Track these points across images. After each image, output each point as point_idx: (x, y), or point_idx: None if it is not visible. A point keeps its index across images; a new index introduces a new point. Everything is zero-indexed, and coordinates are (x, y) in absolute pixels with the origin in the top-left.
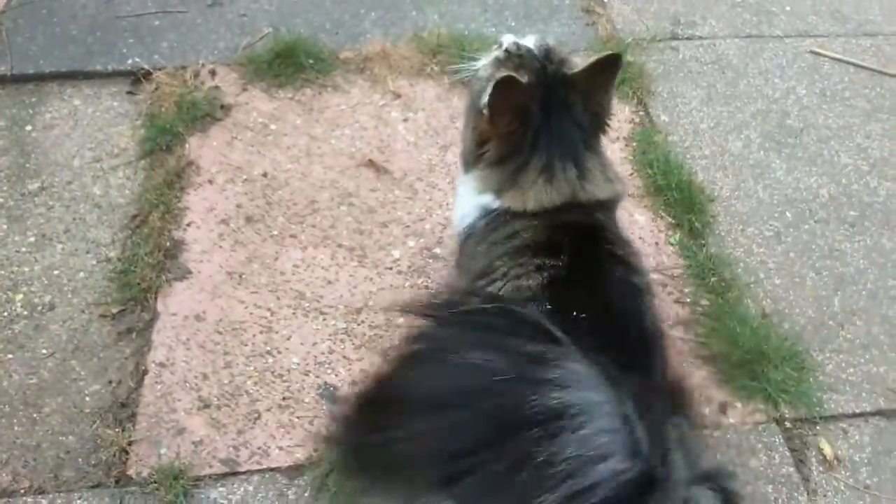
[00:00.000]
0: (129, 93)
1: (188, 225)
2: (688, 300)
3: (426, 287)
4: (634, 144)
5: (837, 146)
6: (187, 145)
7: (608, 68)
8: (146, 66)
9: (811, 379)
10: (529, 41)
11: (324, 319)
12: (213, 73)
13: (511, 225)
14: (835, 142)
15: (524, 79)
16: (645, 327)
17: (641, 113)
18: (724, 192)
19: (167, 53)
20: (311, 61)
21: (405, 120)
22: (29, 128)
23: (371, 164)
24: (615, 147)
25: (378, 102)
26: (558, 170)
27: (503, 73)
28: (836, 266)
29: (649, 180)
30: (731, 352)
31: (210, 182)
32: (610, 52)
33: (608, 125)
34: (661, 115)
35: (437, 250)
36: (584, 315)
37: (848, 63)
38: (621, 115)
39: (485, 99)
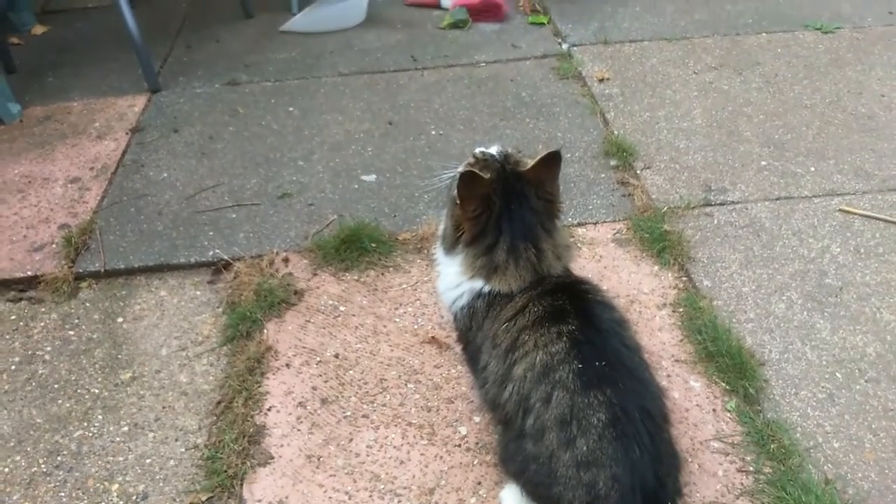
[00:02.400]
0: (211, 282)
1: (269, 409)
2: (751, 468)
3: (495, 464)
4: (681, 311)
5: (878, 303)
6: (265, 331)
7: (551, 163)
8: (226, 257)
9: None
10: (493, 149)
11: (399, 501)
12: (286, 260)
13: (512, 303)
14: (875, 298)
15: (486, 175)
16: (635, 346)
17: (684, 279)
18: (773, 355)
19: (244, 244)
20: (373, 244)
21: None
22: (120, 319)
23: (434, 340)
24: (663, 313)
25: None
26: (521, 251)
27: (466, 169)
28: (893, 426)
29: (700, 346)
30: None
31: (287, 366)
32: (551, 150)
33: (560, 209)
34: (704, 280)
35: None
36: (603, 362)
37: (877, 219)
38: (665, 282)
39: (455, 190)
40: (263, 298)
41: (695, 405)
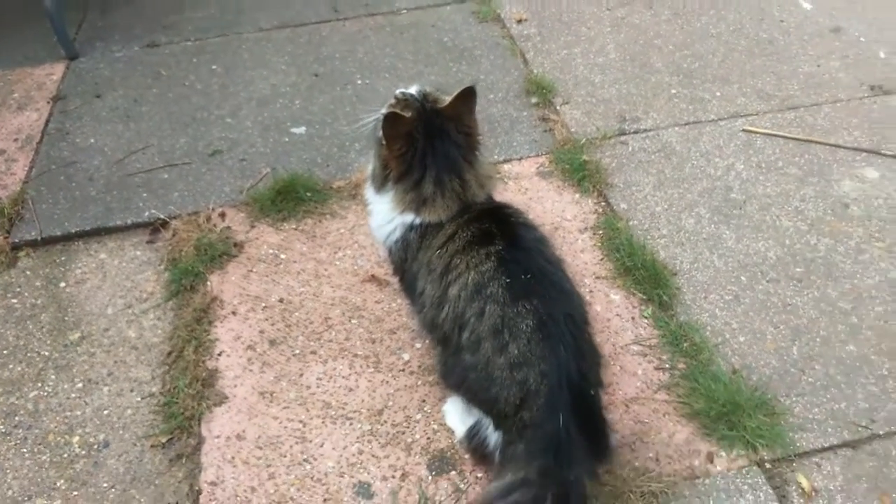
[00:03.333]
0: (150, 242)
1: (219, 354)
2: (666, 366)
3: (437, 383)
4: (601, 233)
5: (777, 211)
6: (209, 283)
7: (467, 98)
8: (162, 216)
9: (782, 422)
10: (413, 89)
11: (350, 424)
12: (222, 215)
13: (442, 231)
14: (775, 208)
15: (408, 114)
16: (556, 261)
17: (603, 204)
18: (684, 265)
19: (179, 202)
20: (308, 194)
21: None
22: (63, 284)
23: (373, 278)
24: (584, 237)
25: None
26: (446, 182)
27: (389, 110)
28: (791, 319)
29: (618, 263)
30: (710, 407)
31: (234, 313)
32: (466, 86)
33: (479, 142)
34: (621, 204)
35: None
36: (529, 275)
37: (777, 136)
38: (585, 208)
39: (380, 132)
40: (204, 253)
41: (615, 315)
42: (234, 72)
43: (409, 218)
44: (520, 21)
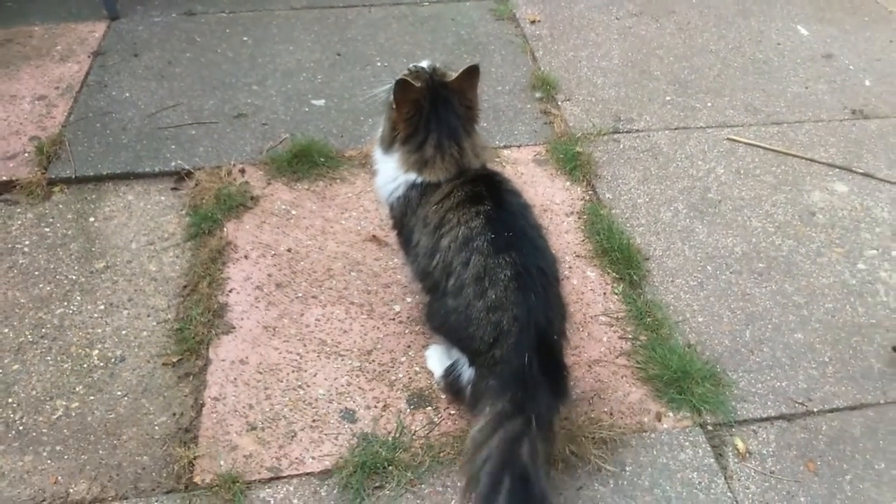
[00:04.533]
0: (174, 189)
1: (230, 291)
2: (629, 336)
3: (423, 333)
4: (585, 217)
5: (749, 213)
6: (225, 229)
7: (471, 75)
8: (187, 167)
9: (727, 392)
10: (424, 63)
11: (342, 359)
12: (242, 171)
13: (439, 190)
14: (747, 210)
15: (417, 84)
16: (537, 225)
17: (590, 192)
18: (657, 252)
19: (204, 156)
20: (322, 159)
21: None
22: (92, 219)
23: (374, 238)
24: (570, 220)
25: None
26: (446, 147)
27: (402, 77)
28: (748, 306)
29: (597, 245)
30: (664, 374)
31: (245, 257)
32: (471, 63)
33: (477, 115)
34: (606, 194)
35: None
36: (511, 233)
37: (758, 146)
38: (574, 194)
39: (392, 96)
40: (223, 202)
41: (589, 290)
42: (263, 44)
43: (412, 177)
44: (533, 22)
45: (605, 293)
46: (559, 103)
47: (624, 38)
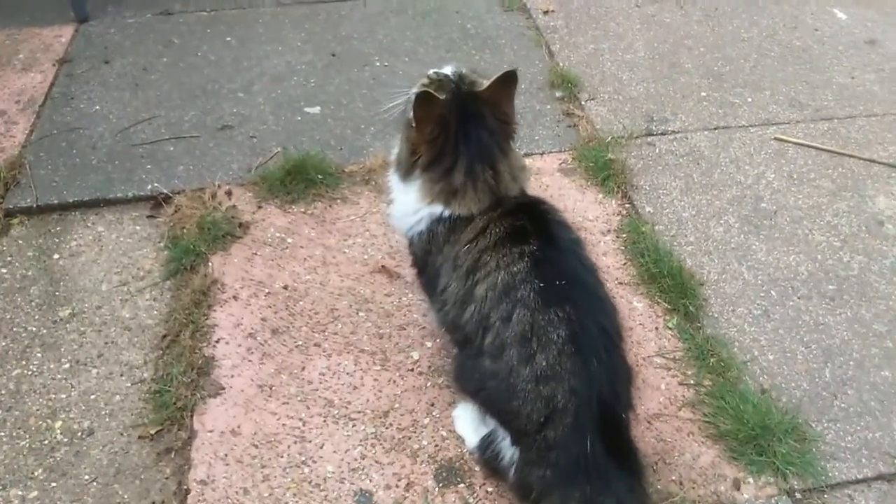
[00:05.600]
0: (151, 216)
1: (217, 341)
2: (691, 381)
3: (447, 386)
4: (624, 236)
5: (810, 225)
6: (210, 264)
7: (507, 83)
8: (165, 191)
9: (814, 449)
10: (448, 70)
11: (353, 425)
12: (229, 193)
13: (472, 225)
14: (807, 221)
15: (442, 96)
16: (592, 266)
17: (627, 206)
18: (711, 275)
19: (184, 177)
20: (319, 176)
21: None
22: (56, 256)
23: (384, 269)
24: (607, 239)
25: (384, 210)
26: (479, 173)
27: (421, 89)
28: (823, 339)
29: (643, 269)
30: (738, 429)
31: (235, 298)
32: (508, 69)
33: (514, 131)
34: (646, 207)
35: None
36: (564, 281)
37: (809, 147)
38: (609, 209)
39: (411, 112)
40: (207, 231)
41: (638, 324)
42: (248, 45)
43: (438, 209)
44: (546, 12)
45: (657, 328)
46: (583, 103)
47: (647, 28)
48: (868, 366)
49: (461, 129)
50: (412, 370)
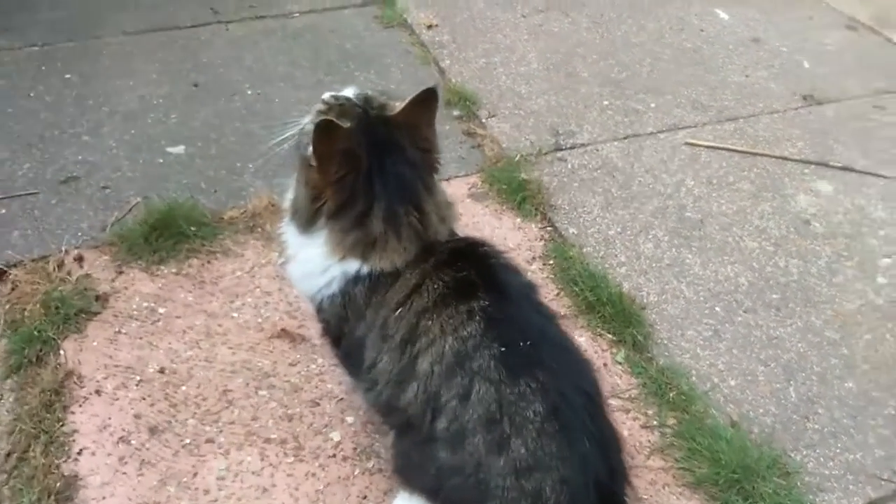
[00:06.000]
0: None
1: (80, 453)
2: (654, 423)
3: (380, 470)
4: (552, 262)
5: (739, 231)
6: (62, 352)
7: (426, 103)
8: None
9: (799, 483)
10: (349, 92)
11: None
12: (79, 259)
13: (401, 281)
14: (735, 227)
15: (346, 124)
16: (552, 314)
17: (549, 228)
18: (651, 297)
19: (21, 245)
20: (192, 228)
21: None
22: None
23: (284, 333)
24: (534, 268)
25: (276, 262)
26: (402, 217)
27: (320, 118)
28: (780, 354)
29: (578, 298)
30: (717, 473)
31: (97, 392)
32: (425, 87)
33: (438, 161)
34: (569, 228)
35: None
36: (528, 340)
37: (721, 149)
38: (530, 234)
39: (308, 149)
40: (55, 311)
41: None
42: (92, 81)
43: (353, 266)
44: (430, 27)
45: (605, 364)
46: (483, 121)
47: (537, 38)
48: (830, 378)
49: (375, 164)
50: (334, 456)
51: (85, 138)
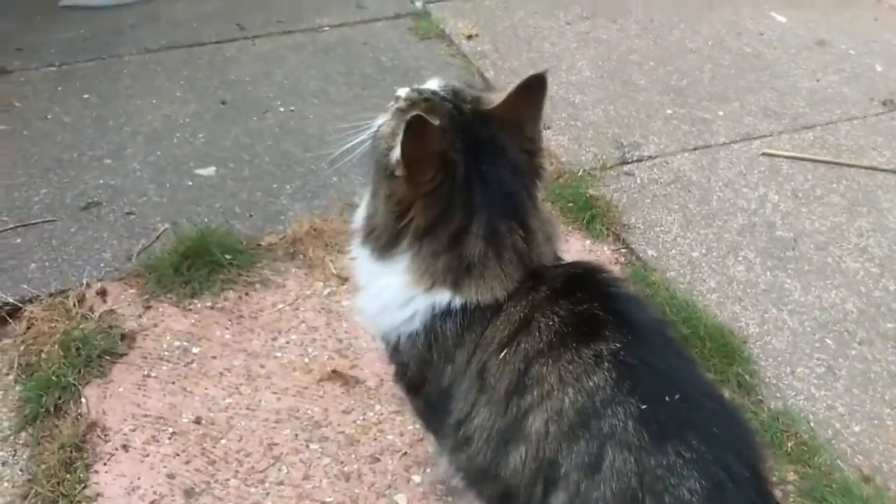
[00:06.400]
0: None
1: None
2: (774, 477)
3: None
4: (633, 289)
5: (838, 251)
6: (84, 400)
7: (533, 92)
8: (10, 300)
9: None
10: (433, 84)
11: None
12: (102, 293)
13: (503, 317)
14: (833, 246)
15: (436, 122)
16: (692, 358)
17: (624, 250)
18: (751, 329)
19: (38, 278)
20: (227, 256)
21: None
22: None
23: (335, 375)
24: None
25: (322, 292)
26: (503, 235)
27: (416, 114)
28: None
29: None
30: None
31: (124, 447)
32: (533, 73)
33: (543, 166)
34: (647, 250)
35: (455, 481)
36: (676, 395)
37: (803, 160)
38: (603, 257)
39: (396, 152)
40: (75, 352)
41: None
42: (113, 101)
43: (444, 297)
44: (470, 37)
45: None
46: None
47: (586, 45)
48: None
49: (473, 170)
50: None
51: (107, 161)
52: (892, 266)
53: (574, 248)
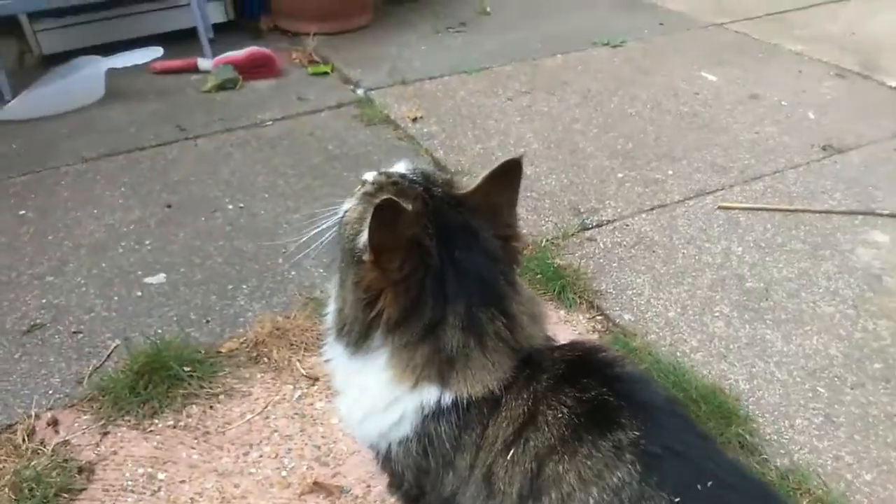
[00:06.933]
0: None
1: None
2: None
3: None
4: None
5: (810, 296)
6: None
7: (509, 177)
8: None
9: None
10: (401, 167)
11: None
12: (54, 423)
13: (505, 412)
14: (804, 292)
15: (409, 205)
16: (709, 436)
17: (599, 317)
18: (741, 385)
19: None
20: (186, 368)
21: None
22: None
23: (318, 486)
24: None
25: (292, 396)
26: (483, 322)
27: (386, 197)
28: None
29: None
30: None
31: None
32: (509, 157)
33: (520, 251)
34: (623, 315)
35: None
36: (709, 482)
37: (760, 210)
38: (580, 327)
39: (364, 237)
40: (28, 494)
41: None
42: (51, 215)
43: (431, 395)
44: (415, 119)
45: None
46: None
47: (529, 119)
48: None
49: (446, 257)
50: None
51: (48, 279)
52: (865, 306)
53: (549, 319)
